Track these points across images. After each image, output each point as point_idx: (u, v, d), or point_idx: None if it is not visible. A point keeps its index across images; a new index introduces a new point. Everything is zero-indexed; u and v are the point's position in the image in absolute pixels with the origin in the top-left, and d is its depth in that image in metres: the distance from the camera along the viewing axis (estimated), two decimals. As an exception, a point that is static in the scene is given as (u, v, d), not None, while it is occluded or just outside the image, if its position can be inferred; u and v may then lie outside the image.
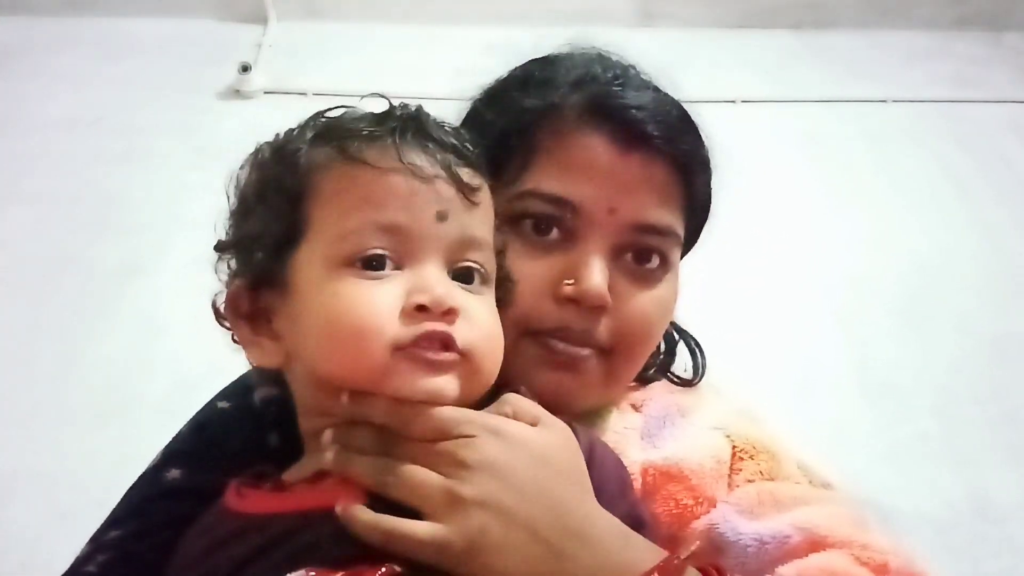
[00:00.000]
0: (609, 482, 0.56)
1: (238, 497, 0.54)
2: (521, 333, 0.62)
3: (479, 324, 0.53)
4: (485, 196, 0.57)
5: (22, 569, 1.51)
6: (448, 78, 2.55)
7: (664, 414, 0.67)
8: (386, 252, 0.52)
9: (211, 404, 0.67)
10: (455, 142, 0.56)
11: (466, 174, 0.55)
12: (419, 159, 0.53)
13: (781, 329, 1.97)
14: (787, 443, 0.67)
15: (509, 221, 0.62)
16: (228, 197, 0.60)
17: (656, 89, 0.70)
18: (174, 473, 0.60)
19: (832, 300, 2.04)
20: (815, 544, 0.56)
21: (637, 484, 0.62)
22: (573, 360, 0.64)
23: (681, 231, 0.68)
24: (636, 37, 2.91)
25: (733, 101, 2.54)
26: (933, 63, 2.72)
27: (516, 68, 0.71)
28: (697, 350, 0.77)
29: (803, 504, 0.60)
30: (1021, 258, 2.16)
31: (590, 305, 0.62)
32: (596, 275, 0.62)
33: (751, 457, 0.63)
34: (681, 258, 0.72)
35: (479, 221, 0.56)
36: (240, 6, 2.71)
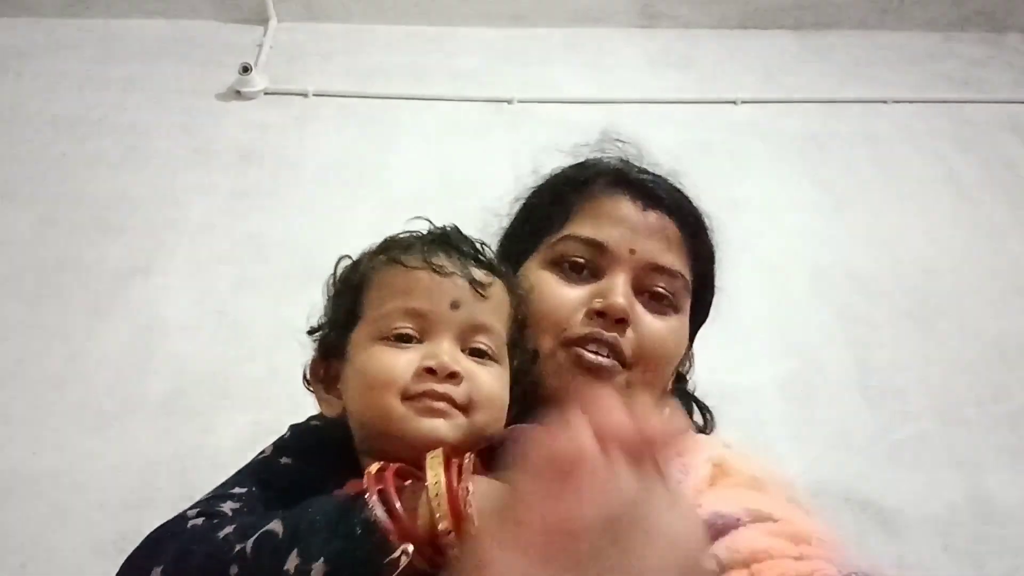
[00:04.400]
0: None
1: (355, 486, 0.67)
2: (558, 344, 0.77)
3: (480, 387, 0.67)
4: (496, 291, 0.71)
5: (22, 569, 1.51)
6: (448, 78, 2.57)
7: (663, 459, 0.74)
8: (411, 330, 0.68)
9: (277, 441, 0.79)
10: (472, 249, 0.73)
11: (479, 273, 0.70)
12: (440, 260, 0.69)
13: (782, 330, 1.97)
14: (772, 471, 0.75)
15: (551, 262, 0.80)
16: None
17: (661, 175, 0.88)
18: (286, 460, 0.73)
19: (832, 301, 2.03)
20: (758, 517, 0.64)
21: None
22: (600, 368, 0.76)
23: (688, 275, 0.83)
24: (636, 37, 2.94)
25: (733, 101, 2.55)
26: (933, 63, 2.73)
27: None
28: (708, 410, 0.92)
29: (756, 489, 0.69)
30: (1022, 258, 2.16)
31: (615, 317, 0.76)
32: (620, 294, 0.77)
33: (730, 473, 0.71)
34: (704, 315, 0.88)
35: (489, 311, 0.70)
36: (241, 7, 2.71)
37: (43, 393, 1.76)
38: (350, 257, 0.76)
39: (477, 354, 0.69)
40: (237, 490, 0.69)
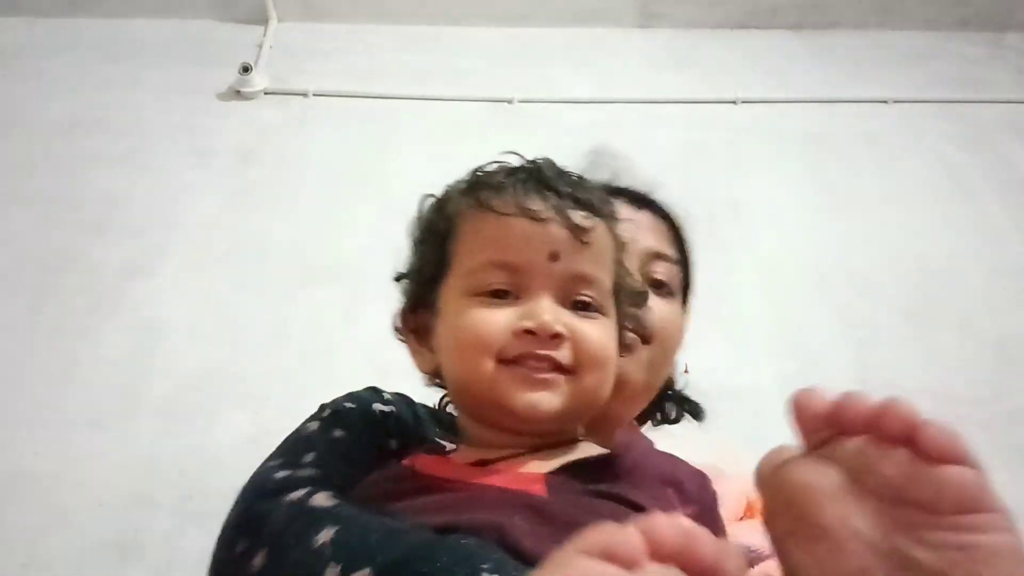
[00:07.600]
0: (647, 462, 0.63)
1: (425, 461, 0.63)
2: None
3: (587, 345, 0.62)
4: (598, 236, 0.64)
5: (23, 569, 1.51)
6: (448, 78, 2.57)
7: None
8: (505, 286, 0.62)
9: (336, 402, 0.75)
10: (571, 189, 0.64)
11: (579, 216, 0.62)
12: (535, 204, 0.62)
13: (781, 330, 1.97)
14: None
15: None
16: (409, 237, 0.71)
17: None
18: (339, 433, 0.68)
19: (833, 301, 2.03)
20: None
21: None
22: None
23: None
24: (636, 37, 2.94)
25: (733, 101, 2.55)
26: (933, 63, 2.72)
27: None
28: (697, 402, 0.91)
29: None
30: (1022, 258, 2.16)
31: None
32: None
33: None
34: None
35: (591, 259, 0.63)
36: (241, 7, 2.71)
37: (43, 393, 1.76)
38: (434, 196, 0.69)
39: (580, 307, 0.63)
40: (308, 457, 0.64)
